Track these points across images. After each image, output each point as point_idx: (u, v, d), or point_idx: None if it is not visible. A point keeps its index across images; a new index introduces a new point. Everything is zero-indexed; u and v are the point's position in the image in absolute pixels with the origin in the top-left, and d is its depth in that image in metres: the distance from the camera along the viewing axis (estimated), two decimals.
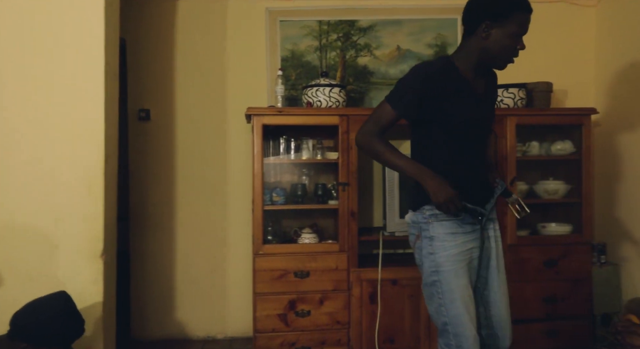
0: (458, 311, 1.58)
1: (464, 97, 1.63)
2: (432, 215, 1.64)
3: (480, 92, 1.68)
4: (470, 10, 1.63)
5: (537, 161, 3.02)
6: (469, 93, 1.65)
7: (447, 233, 1.62)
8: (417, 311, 2.65)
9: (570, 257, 2.76)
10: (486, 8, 1.58)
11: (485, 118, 1.73)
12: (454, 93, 1.62)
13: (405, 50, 3.15)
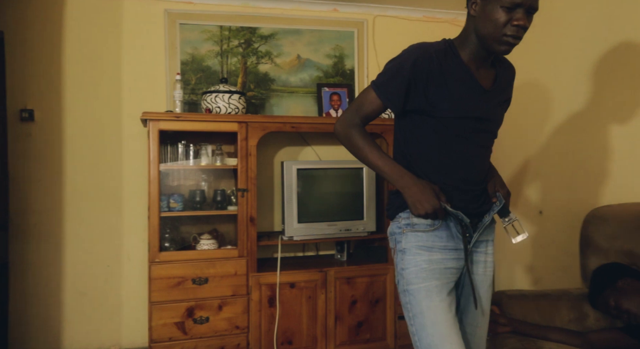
0: (431, 341, 1.29)
1: (463, 89, 1.35)
2: (407, 225, 1.39)
3: (486, 86, 1.39)
4: None
5: None
6: (471, 85, 1.36)
7: (420, 245, 1.37)
8: (314, 312, 2.75)
9: None
10: None
11: (488, 119, 1.41)
12: (451, 83, 1.34)
13: (305, 59, 3.25)
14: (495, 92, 1.42)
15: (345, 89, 3.23)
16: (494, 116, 1.44)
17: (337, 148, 3.29)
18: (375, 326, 2.86)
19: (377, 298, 2.86)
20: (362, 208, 2.89)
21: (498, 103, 1.45)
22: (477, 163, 1.44)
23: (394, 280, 2.85)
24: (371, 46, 3.37)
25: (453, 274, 1.40)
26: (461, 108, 1.36)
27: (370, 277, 2.85)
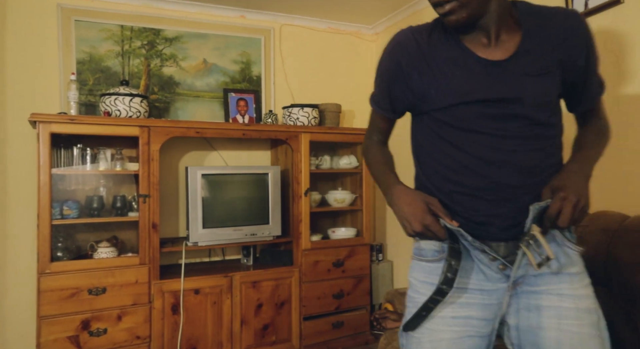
0: None
1: (453, 67, 1.07)
2: (415, 250, 1.15)
3: (498, 56, 1.05)
4: None
5: (329, 173, 3.43)
6: (466, 60, 1.07)
7: (424, 281, 1.09)
8: (219, 317, 2.75)
9: (354, 257, 3.20)
10: None
11: (508, 99, 1.03)
12: (438, 63, 1.09)
13: (211, 63, 3.24)
14: (517, 60, 1.04)
15: (252, 95, 3.27)
16: (520, 93, 1.03)
17: (244, 153, 3.31)
18: (280, 328, 2.93)
19: (282, 301, 2.93)
20: (267, 212, 2.95)
21: (527, 74, 1.04)
22: (505, 163, 1.04)
23: (298, 282, 2.96)
24: (278, 53, 3.44)
25: (475, 326, 1.04)
26: (454, 92, 1.06)
27: (276, 280, 2.92)
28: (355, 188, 3.35)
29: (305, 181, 3.03)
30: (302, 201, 3.02)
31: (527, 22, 1.08)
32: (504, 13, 1.06)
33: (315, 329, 3.03)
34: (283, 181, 3.12)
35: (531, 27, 1.07)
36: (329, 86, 3.60)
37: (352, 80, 3.72)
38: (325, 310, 3.08)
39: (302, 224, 3.01)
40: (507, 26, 1.07)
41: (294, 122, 3.09)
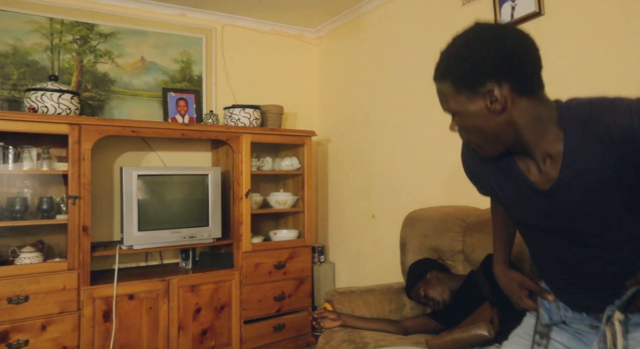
0: None
1: (509, 190, 1.05)
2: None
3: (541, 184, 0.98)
4: None
5: (270, 175, 3.41)
6: (519, 185, 1.03)
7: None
8: (155, 323, 2.65)
9: (296, 259, 3.19)
10: None
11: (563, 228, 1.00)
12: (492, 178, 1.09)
13: (150, 62, 3.14)
14: (562, 186, 0.95)
15: (192, 95, 3.20)
16: (574, 220, 0.98)
17: (184, 154, 3.23)
18: (220, 332, 2.86)
19: (222, 304, 2.87)
20: (207, 214, 2.89)
21: (577, 200, 0.95)
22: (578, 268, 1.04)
23: (239, 285, 2.91)
24: (220, 54, 3.39)
25: None
26: (511, 211, 1.10)
27: (215, 284, 2.85)
28: (297, 190, 3.35)
29: (247, 183, 2.99)
30: (243, 202, 2.98)
31: (571, 132, 0.91)
32: (542, 126, 0.94)
33: (256, 332, 2.99)
34: (224, 183, 3.07)
35: (575, 138, 0.91)
36: (271, 88, 3.60)
37: (295, 83, 3.74)
38: (266, 313, 3.05)
39: (243, 226, 2.97)
40: (550, 140, 0.94)
41: (235, 123, 3.06)
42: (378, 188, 3.15)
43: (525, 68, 0.93)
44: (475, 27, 0.97)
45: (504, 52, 0.91)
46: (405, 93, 2.91)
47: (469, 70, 0.92)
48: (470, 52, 0.93)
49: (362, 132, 3.31)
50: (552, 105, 0.95)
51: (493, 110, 0.93)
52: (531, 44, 0.95)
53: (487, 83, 0.91)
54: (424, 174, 2.77)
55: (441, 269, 2.15)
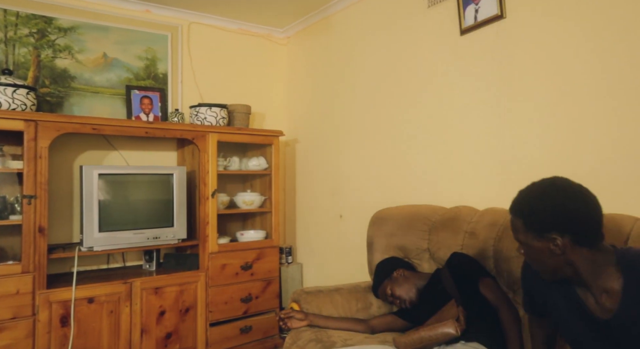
0: None
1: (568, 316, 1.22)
2: None
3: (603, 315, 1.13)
4: None
5: (237, 175, 3.37)
6: (577, 312, 1.19)
7: None
8: (116, 327, 2.56)
9: (264, 260, 3.16)
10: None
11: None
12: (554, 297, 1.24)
13: (112, 58, 3.05)
14: (620, 321, 1.09)
15: (157, 93, 3.13)
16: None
17: (148, 153, 3.15)
18: (185, 335, 2.80)
19: (187, 307, 2.81)
20: (172, 215, 2.82)
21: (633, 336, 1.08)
22: None
23: (205, 287, 2.85)
24: (186, 52, 3.33)
25: None
26: (567, 334, 1.25)
27: (180, 286, 2.79)
28: (265, 190, 3.32)
29: (213, 183, 2.94)
30: (209, 203, 2.93)
31: (629, 276, 1.09)
32: (599, 269, 1.12)
33: (222, 335, 2.94)
34: (189, 183, 3.01)
35: (632, 282, 1.08)
36: (239, 87, 3.56)
37: (263, 83, 3.71)
38: (233, 315, 3.00)
39: (209, 226, 2.92)
40: (607, 279, 1.12)
41: (201, 122, 3.00)
42: (345, 189, 3.16)
43: (585, 228, 1.12)
44: (552, 181, 1.17)
45: (571, 212, 1.11)
46: (372, 94, 2.93)
47: (539, 219, 1.14)
48: (543, 205, 1.13)
49: (329, 132, 3.31)
50: (610, 250, 1.14)
51: (554, 252, 1.13)
52: (594, 207, 1.13)
53: (552, 233, 1.12)
54: (391, 174, 2.80)
55: (407, 267, 2.17)
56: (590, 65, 1.84)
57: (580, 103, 1.87)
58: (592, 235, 1.13)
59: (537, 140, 2.03)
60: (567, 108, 1.92)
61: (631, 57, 1.72)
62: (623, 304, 1.08)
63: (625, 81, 1.74)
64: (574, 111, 1.89)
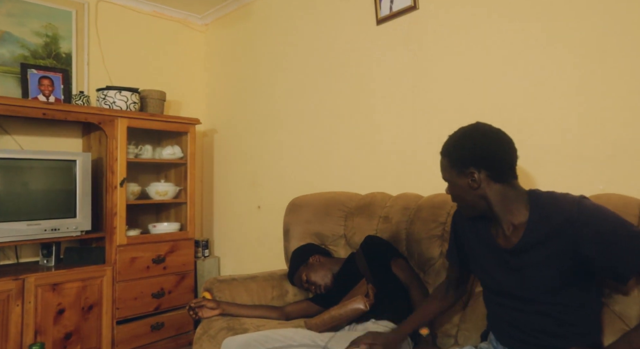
0: None
1: (479, 251, 1.38)
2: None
3: (508, 246, 1.28)
4: None
5: (151, 164, 3.19)
6: (489, 246, 1.34)
7: None
8: (4, 328, 2.31)
9: (177, 252, 3.02)
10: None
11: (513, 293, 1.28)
12: (471, 237, 1.41)
13: (3, 31, 2.75)
14: (520, 251, 1.25)
15: (59, 74, 2.88)
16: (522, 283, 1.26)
17: (48, 139, 2.88)
18: (88, 335, 2.59)
19: (91, 304, 2.60)
20: (74, 204, 2.60)
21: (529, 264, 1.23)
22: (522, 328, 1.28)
23: (111, 282, 2.67)
24: (93, 32, 3.10)
25: None
26: (478, 273, 1.42)
27: (83, 281, 2.58)
28: (180, 181, 3.17)
29: (122, 171, 2.76)
30: (118, 192, 2.74)
31: (533, 211, 1.24)
32: (509, 204, 1.27)
33: (131, 333, 2.76)
34: (97, 171, 2.80)
35: (535, 219, 1.23)
36: (153, 73, 3.37)
37: (180, 70, 3.55)
38: (143, 311, 2.83)
39: (117, 217, 2.73)
40: (516, 215, 1.27)
41: (109, 106, 2.80)
42: (264, 179, 3.11)
43: (499, 165, 1.26)
44: (475, 125, 1.32)
45: (486, 150, 1.26)
46: (291, 83, 2.91)
47: (460, 157, 1.29)
48: (464, 144, 1.29)
49: (249, 122, 3.24)
50: (523, 190, 1.29)
51: (472, 187, 1.28)
52: (508, 149, 1.28)
53: (470, 168, 1.27)
54: (310, 163, 2.79)
55: (323, 253, 2.16)
56: (502, 53, 1.95)
57: (492, 92, 1.97)
58: (505, 172, 1.26)
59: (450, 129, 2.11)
60: (479, 98, 2.01)
61: (544, 45, 1.84)
62: (524, 235, 1.23)
63: (539, 67, 1.85)
64: (486, 100, 1.99)
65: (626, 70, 1.60)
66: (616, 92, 1.63)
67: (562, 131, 1.75)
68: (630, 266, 1.14)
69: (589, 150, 1.69)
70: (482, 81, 1.98)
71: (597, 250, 1.13)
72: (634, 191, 1.52)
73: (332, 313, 1.70)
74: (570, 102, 1.73)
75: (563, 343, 1.20)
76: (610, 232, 1.14)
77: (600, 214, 1.17)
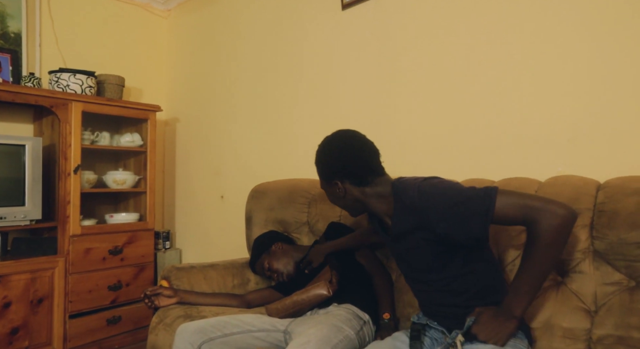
0: None
1: (385, 242, 1.48)
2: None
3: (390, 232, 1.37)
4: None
5: (109, 152, 3.06)
6: (385, 237, 1.44)
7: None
8: None
9: (136, 244, 2.90)
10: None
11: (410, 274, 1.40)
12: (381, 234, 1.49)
13: None
14: (395, 239, 1.34)
15: (7, 55, 2.72)
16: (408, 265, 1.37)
17: None
18: (37, 329, 2.45)
19: (41, 297, 2.47)
20: (23, 192, 2.45)
21: (405, 248, 1.33)
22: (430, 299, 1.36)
23: (64, 274, 2.54)
24: (46, 11, 2.94)
25: None
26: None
27: (32, 273, 2.44)
28: (140, 170, 3.06)
29: (76, 157, 2.63)
30: (72, 180, 2.61)
31: (395, 202, 1.30)
32: (380, 200, 1.35)
33: (85, 327, 2.64)
34: (49, 158, 2.66)
35: (397, 206, 1.30)
36: (112, 58, 3.24)
37: (141, 56, 3.43)
38: (98, 305, 2.71)
39: (71, 206, 2.60)
40: (389, 207, 1.33)
41: (63, 89, 2.66)
42: (227, 168, 3.03)
43: (358, 172, 1.35)
44: (333, 136, 1.42)
45: (343, 163, 1.36)
46: (256, 70, 2.84)
47: (323, 172, 1.42)
48: (324, 159, 1.41)
49: (212, 110, 3.15)
50: (388, 184, 1.34)
51: (340, 195, 1.39)
52: (364, 154, 1.36)
53: (334, 180, 1.38)
54: (274, 150, 2.73)
55: (286, 241, 2.12)
56: (467, 39, 1.94)
57: (456, 79, 1.97)
58: (366, 177, 1.35)
59: (416, 116, 2.10)
60: (444, 85, 2.01)
61: (505, 31, 1.84)
62: (393, 225, 1.31)
63: (501, 54, 1.86)
64: (451, 87, 1.98)
65: (584, 55, 1.62)
66: (575, 78, 1.64)
67: (523, 116, 1.76)
68: (479, 227, 1.15)
69: (549, 134, 1.70)
70: (447, 68, 1.97)
71: (446, 226, 1.17)
72: (591, 172, 1.54)
73: (294, 298, 1.66)
74: (531, 88, 1.74)
75: (465, 310, 1.24)
76: (449, 206, 1.17)
77: (437, 192, 1.20)
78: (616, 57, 1.56)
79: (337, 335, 1.42)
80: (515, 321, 1.17)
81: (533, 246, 1.14)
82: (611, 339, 1.28)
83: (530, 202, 1.13)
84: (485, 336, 1.16)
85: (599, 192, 1.42)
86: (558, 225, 1.10)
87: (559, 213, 1.10)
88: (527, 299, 1.17)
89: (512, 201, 1.14)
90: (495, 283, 1.29)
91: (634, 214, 1.31)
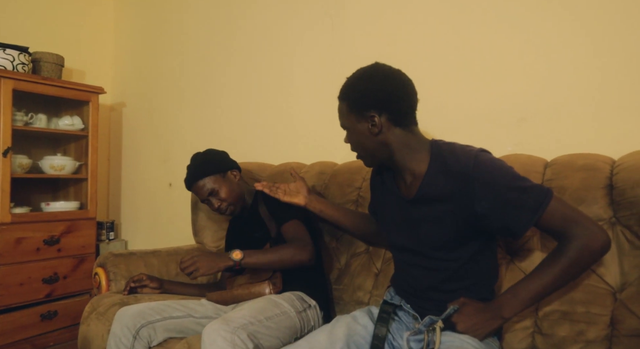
0: None
1: (385, 205, 1.35)
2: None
3: (409, 196, 1.23)
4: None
5: (47, 136, 2.86)
6: (392, 196, 1.30)
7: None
8: None
9: (76, 234, 2.72)
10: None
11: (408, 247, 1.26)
12: (380, 195, 1.39)
13: None
14: (416, 204, 1.20)
15: None
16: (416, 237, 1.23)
17: None
18: None
19: None
20: None
21: (422, 219, 1.20)
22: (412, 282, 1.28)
23: None
24: None
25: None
26: (383, 225, 1.38)
27: None
28: (81, 156, 2.87)
29: (6, 139, 2.43)
30: (0, 163, 2.40)
31: (434, 160, 1.18)
32: (411, 152, 1.20)
33: (15, 323, 2.44)
34: None
35: (433, 169, 1.17)
36: (49, 35, 3.02)
37: (83, 34, 3.22)
38: (31, 299, 2.51)
39: (0, 192, 2.40)
40: (417, 164, 1.20)
41: None
42: (176, 155, 2.89)
43: (400, 107, 1.18)
44: (374, 65, 1.23)
45: (387, 92, 1.17)
46: (203, 55, 2.72)
47: (360, 99, 1.19)
48: (364, 85, 1.19)
49: (160, 95, 3.00)
50: (425, 139, 1.23)
51: (372, 132, 1.19)
52: (410, 90, 1.20)
53: (371, 111, 1.18)
54: (222, 137, 2.62)
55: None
56: (421, 18, 1.90)
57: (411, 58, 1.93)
58: (406, 115, 1.20)
59: None
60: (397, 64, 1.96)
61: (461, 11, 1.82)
62: (422, 185, 1.18)
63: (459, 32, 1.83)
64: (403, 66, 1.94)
65: (532, 35, 1.62)
66: (525, 58, 1.64)
67: (473, 96, 1.74)
68: (523, 222, 1.09)
69: (500, 114, 1.69)
70: (401, 47, 1.93)
71: (489, 207, 1.09)
72: (540, 152, 1.53)
73: (234, 293, 1.60)
74: (481, 69, 1.72)
75: (450, 298, 1.18)
76: (504, 188, 1.09)
77: (495, 169, 1.11)
78: (564, 37, 1.57)
79: (274, 309, 1.37)
80: (501, 322, 1.14)
81: (558, 259, 1.10)
82: (557, 315, 1.26)
83: (578, 217, 1.09)
84: (465, 328, 1.12)
85: (547, 169, 1.41)
86: (594, 248, 1.08)
87: (600, 238, 1.07)
88: (522, 306, 1.13)
89: (562, 209, 1.09)
90: (491, 282, 1.24)
91: (580, 189, 1.31)
